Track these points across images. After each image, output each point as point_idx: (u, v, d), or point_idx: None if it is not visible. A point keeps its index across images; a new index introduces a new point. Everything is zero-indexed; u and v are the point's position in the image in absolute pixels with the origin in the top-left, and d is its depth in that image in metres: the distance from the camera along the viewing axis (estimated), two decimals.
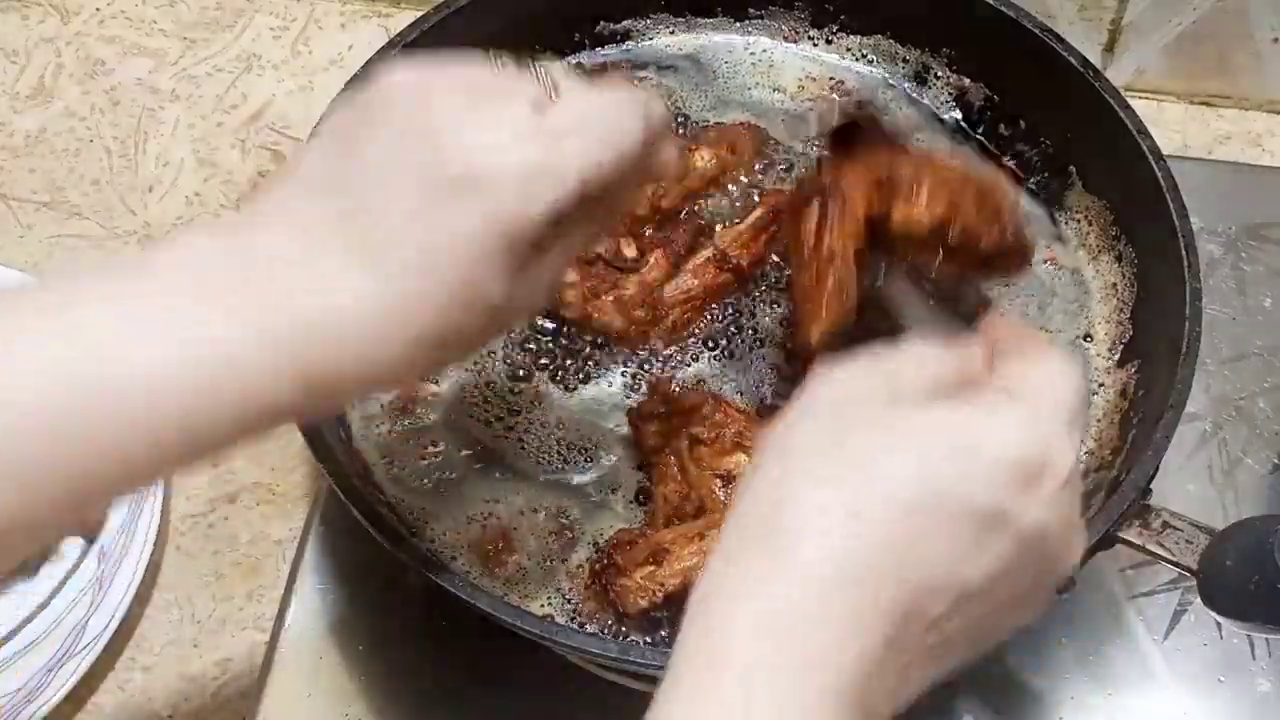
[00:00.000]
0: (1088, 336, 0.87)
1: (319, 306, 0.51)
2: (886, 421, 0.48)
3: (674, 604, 0.73)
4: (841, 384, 0.50)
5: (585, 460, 0.82)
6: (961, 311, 0.83)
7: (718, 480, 0.77)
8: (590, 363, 0.85)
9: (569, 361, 0.85)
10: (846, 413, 0.48)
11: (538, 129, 0.52)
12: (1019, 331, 0.57)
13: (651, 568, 0.73)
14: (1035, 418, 0.49)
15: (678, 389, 0.82)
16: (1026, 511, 0.47)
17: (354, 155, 0.53)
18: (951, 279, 0.82)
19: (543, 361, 0.85)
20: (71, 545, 0.88)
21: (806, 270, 0.75)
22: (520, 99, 0.53)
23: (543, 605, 0.76)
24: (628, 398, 0.84)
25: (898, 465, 0.46)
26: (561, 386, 0.84)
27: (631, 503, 0.80)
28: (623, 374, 0.85)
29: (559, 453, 0.82)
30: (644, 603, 0.72)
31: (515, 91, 0.53)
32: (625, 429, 0.82)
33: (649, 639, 0.74)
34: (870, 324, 0.75)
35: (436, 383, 0.84)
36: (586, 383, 0.84)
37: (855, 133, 0.78)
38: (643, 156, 0.56)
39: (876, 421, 0.48)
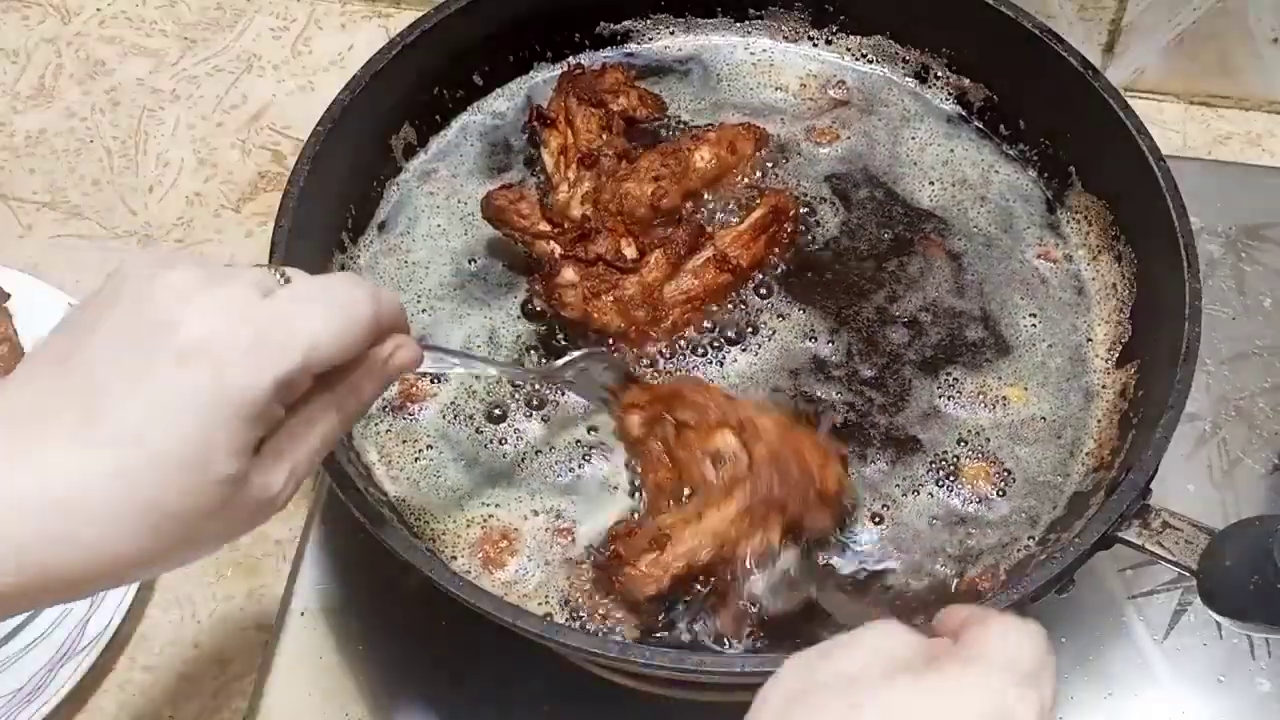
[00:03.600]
0: (1088, 337, 0.87)
1: (33, 480, 0.50)
2: (842, 706, 0.50)
3: (680, 587, 0.73)
4: (794, 678, 0.52)
5: (580, 461, 0.82)
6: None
7: (707, 460, 0.76)
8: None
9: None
10: (801, 707, 0.50)
11: (261, 308, 0.53)
12: (977, 611, 0.59)
13: (655, 554, 0.73)
14: (989, 680, 0.51)
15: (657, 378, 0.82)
16: None
17: (85, 337, 0.53)
18: None
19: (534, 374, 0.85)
20: None
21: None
22: (246, 282, 0.54)
23: (541, 604, 0.76)
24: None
25: None
26: (556, 391, 0.84)
27: (630, 497, 0.80)
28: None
29: (556, 456, 0.82)
30: (651, 589, 0.73)
31: (241, 276, 0.55)
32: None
33: (656, 629, 0.74)
34: None
35: (433, 381, 0.84)
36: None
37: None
38: (372, 337, 0.58)
39: (831, 708, 0.50)
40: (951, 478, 0.81)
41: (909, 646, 0.53)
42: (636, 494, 0.80)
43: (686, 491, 0.77)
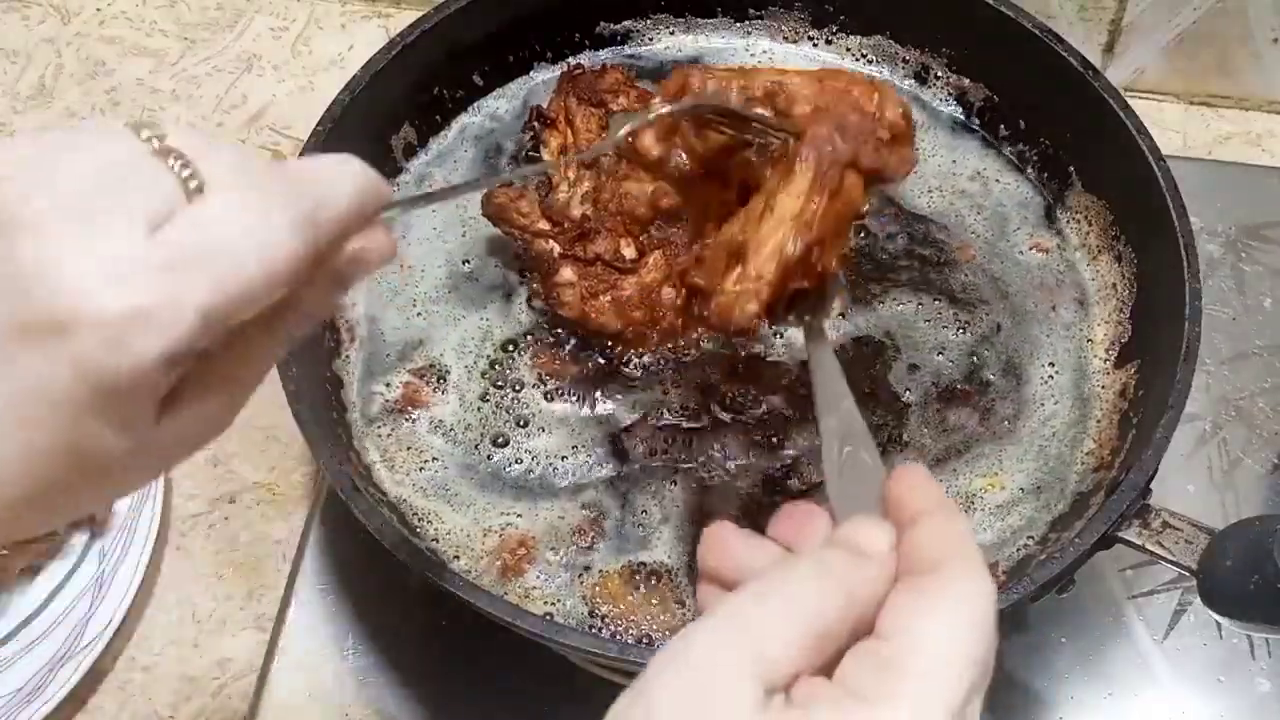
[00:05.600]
0: (1088, 337, 0.87)
1: None
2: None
3: (781, 295, 0.61)
4: (705, 666, 0.41)
5: (595, 464, 0.82)
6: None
7: (750, 151, 0.64)
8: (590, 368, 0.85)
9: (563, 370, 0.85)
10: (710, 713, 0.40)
11: (146, 256, 0.41)
12: (929, 511, 0.46)
13: (738, 268, 0.60)
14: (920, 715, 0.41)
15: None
16: None
17: None
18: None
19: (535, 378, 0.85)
20: (74, 543, 0.88)
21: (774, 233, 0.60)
22: (133, 210, 0.42)
23: (548, 605, 0.77)
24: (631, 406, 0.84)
25: None
26: (554, 399, 0.85)
27: (646, 497, 0.81)
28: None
29: (564, 462, 0.82)
30: (751, 306, 0.60)
31: (131, 198, 0.42)
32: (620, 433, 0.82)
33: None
34: None
35: (436, 389, 0.84)
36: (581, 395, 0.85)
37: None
38: (309, 270, 0.45)
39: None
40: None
41: (828, 617, 0.42)
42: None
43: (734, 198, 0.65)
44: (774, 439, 0.82)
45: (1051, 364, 0.86)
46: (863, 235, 0.91)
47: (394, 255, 0.50)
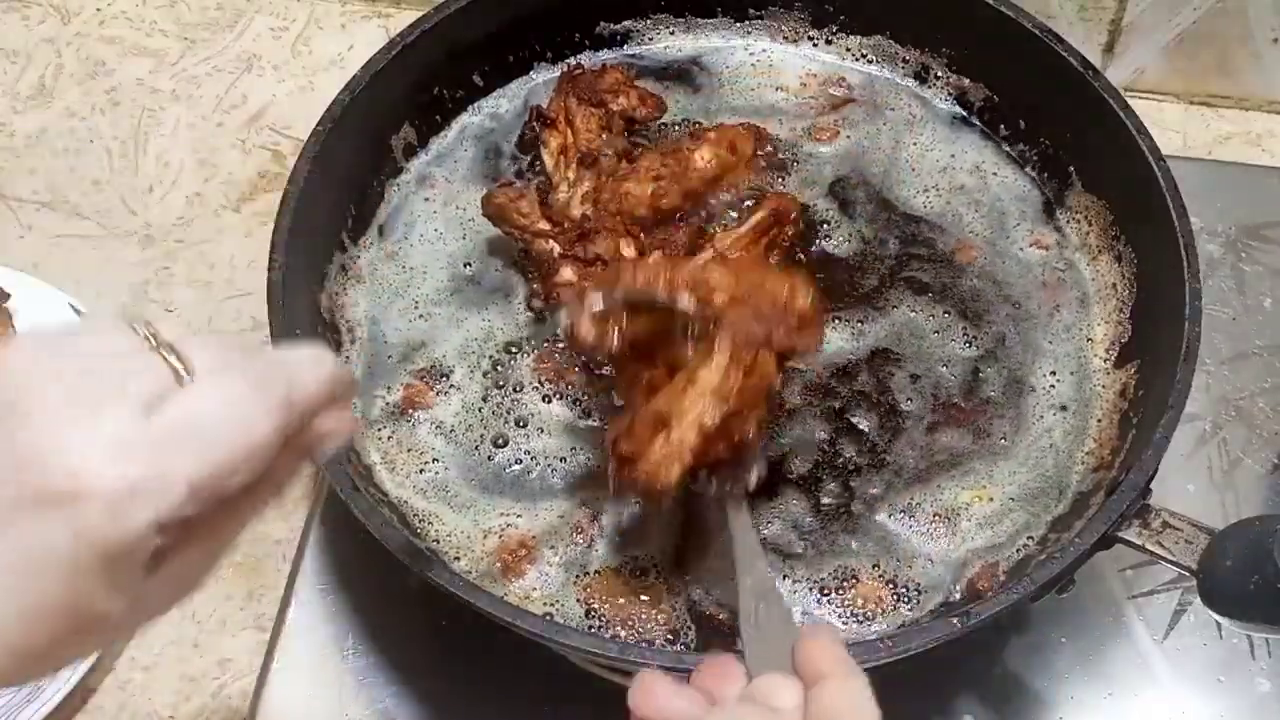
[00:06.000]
0: (1088, 337, 0.87)
1: None
2: None
3: (701, 460, 0.69)
4: None
5: (586, 465, 0.82)
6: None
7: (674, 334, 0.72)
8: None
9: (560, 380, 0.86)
10: None
11: (142, 436, 0.46)
12: (832, 672, 0.54)
13: (662, 436, 0.68)
14: None
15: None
16: None
17: None
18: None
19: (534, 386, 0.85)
20: None
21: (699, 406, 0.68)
22: (131, 396, 0.47)
23: (548, 605, 0.77)
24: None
25: None
26: (556, 402, 0.85)
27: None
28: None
29: (563, 463, 0.82)
30: (675, 470, 0.67)
31: (128, 385, 0.47)
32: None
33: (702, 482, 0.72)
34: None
35: (430, 387, 0.84)
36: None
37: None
38: (279, 448, 0.50)
39: None
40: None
41: None
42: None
43: (661, 373, 0.72)
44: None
45: (1053, 372, 0.86)
46: (866, 241, 0.91)
47: (355, 431, 0.55)
